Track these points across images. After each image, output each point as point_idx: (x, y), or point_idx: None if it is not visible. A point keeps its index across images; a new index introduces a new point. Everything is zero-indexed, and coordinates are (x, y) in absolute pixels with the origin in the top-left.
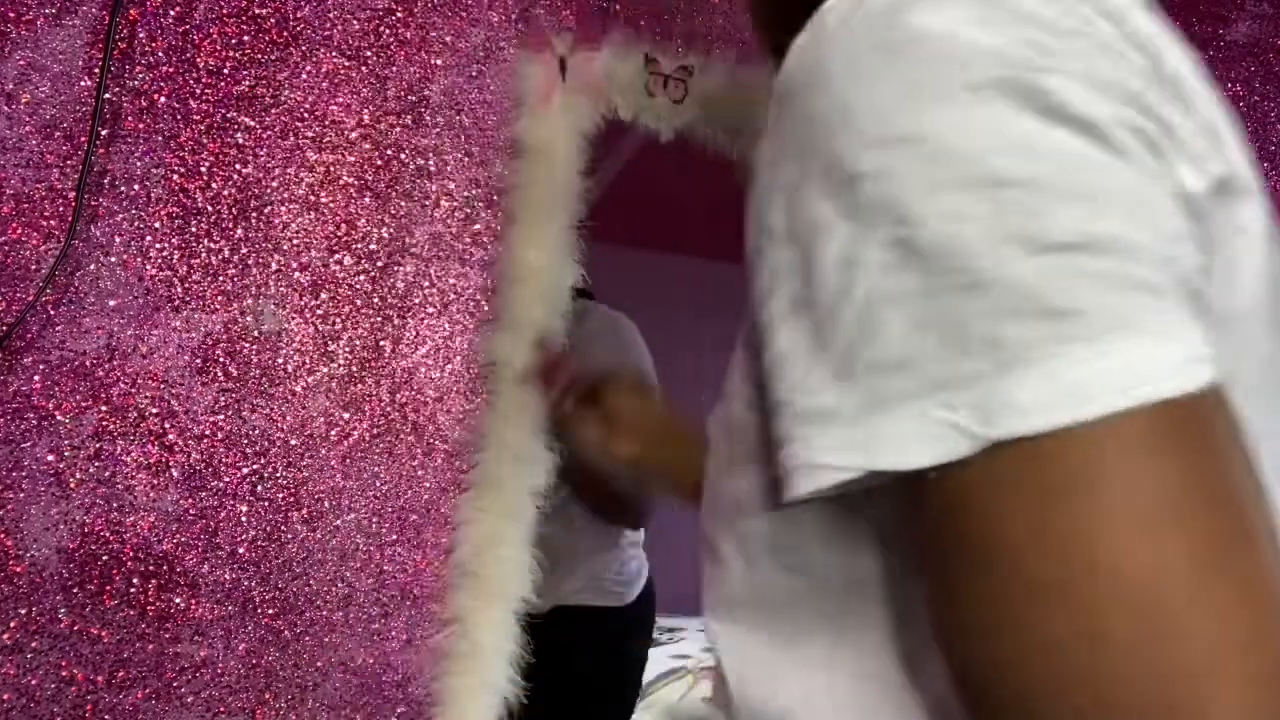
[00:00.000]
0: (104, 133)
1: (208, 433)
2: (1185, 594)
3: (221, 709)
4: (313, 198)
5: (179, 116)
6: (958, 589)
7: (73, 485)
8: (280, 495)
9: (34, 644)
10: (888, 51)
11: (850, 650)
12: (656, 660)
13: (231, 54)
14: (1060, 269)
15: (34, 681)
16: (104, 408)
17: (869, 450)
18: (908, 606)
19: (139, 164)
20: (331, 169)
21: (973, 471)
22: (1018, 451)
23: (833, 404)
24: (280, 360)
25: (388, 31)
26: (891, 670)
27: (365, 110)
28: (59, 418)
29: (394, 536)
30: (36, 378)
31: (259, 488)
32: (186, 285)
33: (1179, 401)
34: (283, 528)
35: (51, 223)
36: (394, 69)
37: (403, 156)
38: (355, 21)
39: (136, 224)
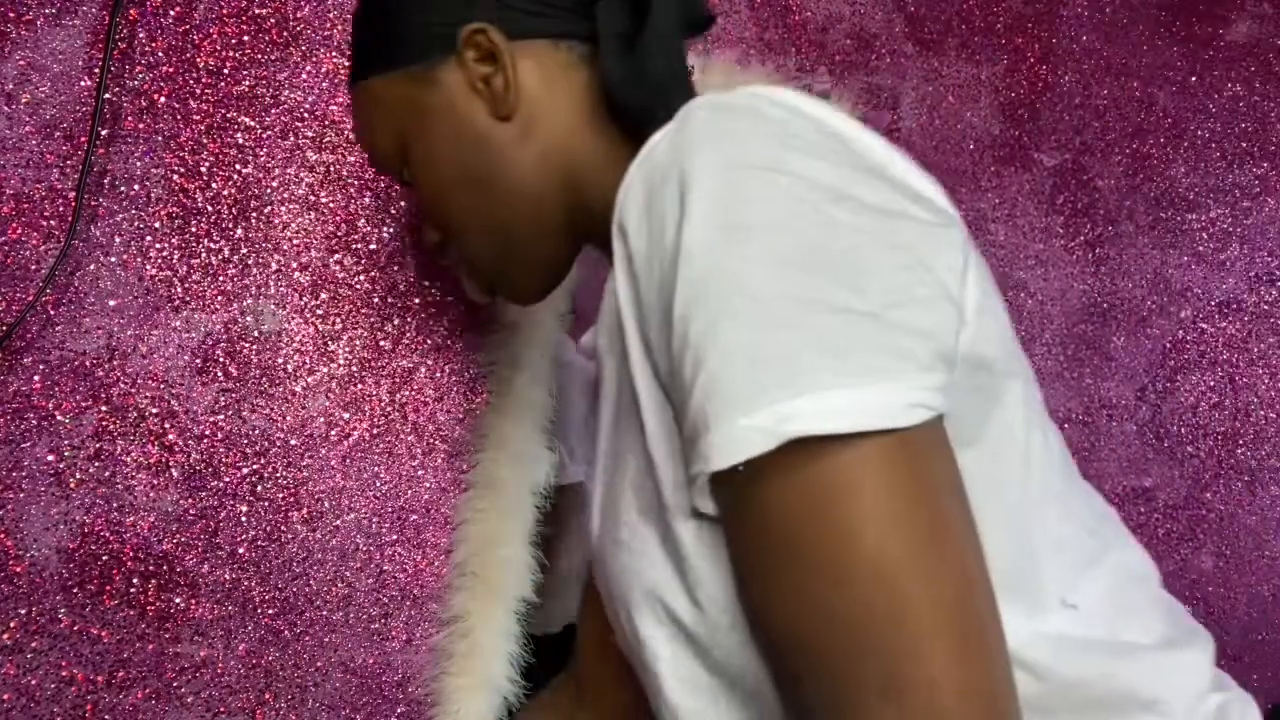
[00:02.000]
0: (104, 133)
1: (208, 433)
2: (914, 571)
3: (221, 709)
4: (313, 198)
5: (179, 116)
6: (759, 567)
7: (73, 485)
8: (280, 495)
9: (34, 644)
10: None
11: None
12: None
13: (231, 54)
14: (838, 328)
15: (34, 681)
16: (104, 408)
17: (710, 458)
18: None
19: (139, 164)
20: (331, 169)
21: (767, 468)
22: (801, 451)
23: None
24: (280, 360)
25: None
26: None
27: None
28: (59, 418)
29: (394, 536)
30: (36, 378)
31: (259, 488)
32: (186, 285)
33: (907, 430)
34: (283, 528)
35: (51, 223)
36: None
37: None
38: None
39: (136, 224)
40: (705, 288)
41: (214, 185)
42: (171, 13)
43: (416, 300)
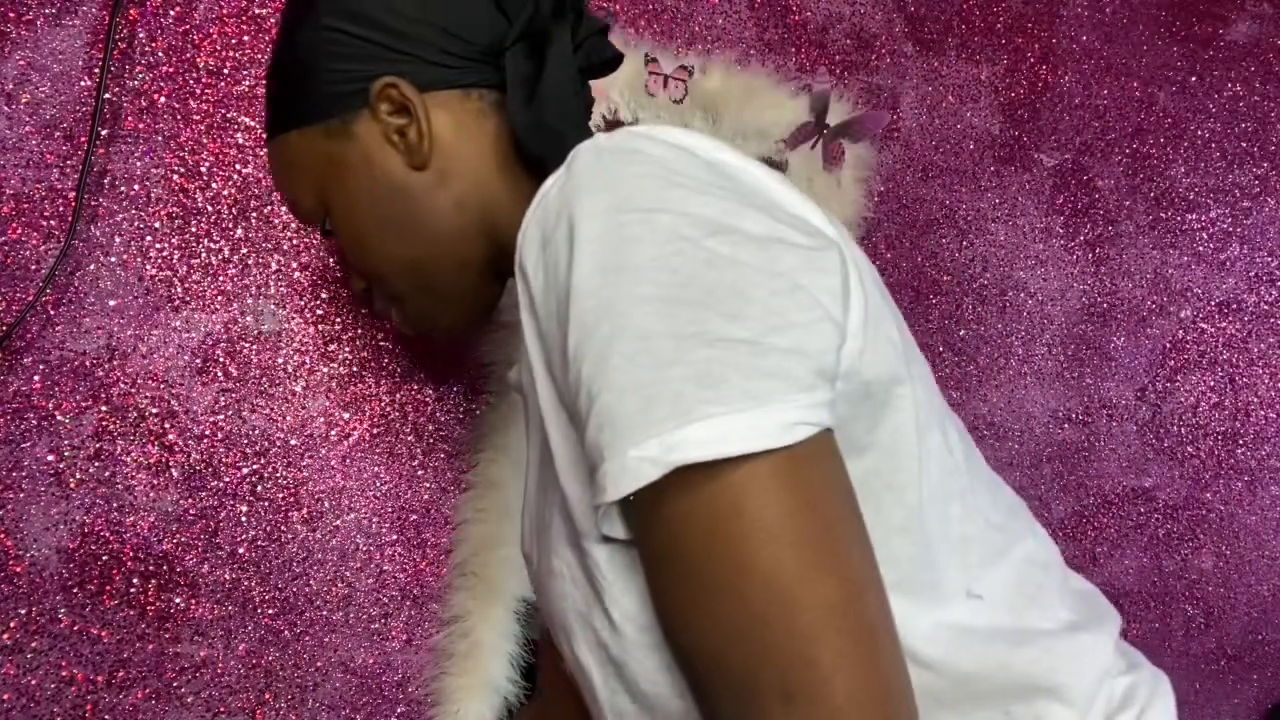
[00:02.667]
0: (104, 133)
1: (208, 433)
2: (801, 580)
3: (221, 709)
4: None
5: (179, 116)
6: (664, 588)
7: (73, 485)
8: (280, 495)
9: (34, 644)
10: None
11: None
12: None
13: (231, 54)
14: (716, 359)
15: (34, 681)
16: (104, 408)
17: (606, 489)
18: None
19: (139, 164)
20: None
21: (661, 496)
22: (690, 478)
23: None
24: (280, 360)
25: None
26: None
27: None
28: (59, 418)
29: (394, 536)
30: (36, 378)
31: (259, 488)
32: (186, 285)
33: (790, 450)
34: (283, 528)
35: (51, 223)
36: None
37: None
38: None
39: (136, 224)
40: (595, 327)
41: (214, 185)
42: (171, 13)
43: None
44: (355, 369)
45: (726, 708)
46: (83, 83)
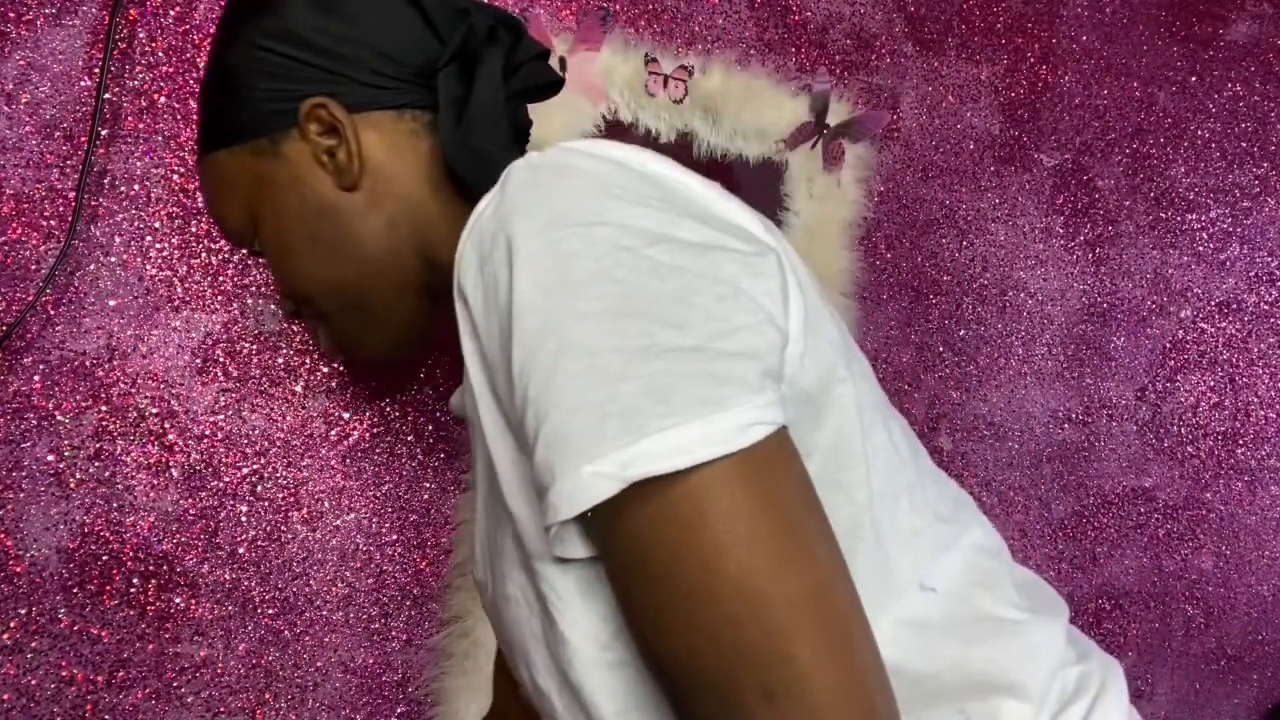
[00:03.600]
0: (104, 133)
1: (208, 433)
2: (769, 578)
3: (221, 709)
4: None
5: (179, 116)
6: (635, 600)
7: (73, 485)
8: (280, 495)
9: (34, 644)
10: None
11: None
12: None
13: None
14: (664, 370)
15: (34, 681)
16: (104, 408)
17: (559, 508)
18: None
19: (139, 164)
20: None
21: (622, 511)
22: (650, 490)
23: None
24: (280, 360)
25: None
26: None
27: None
28: (59, 418)
29: (394, 536)
30: (36, 378)
31: (259, 488)
32: (186, 285)
33: (747, 451)
34: (283, 528)
35: (51, 223)
36: None
37: None
38: None
39: (136, 224)
40: (539, 346)
41: None
42: (171, 13)
43: None
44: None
45: (707, 713)
46: (83, 83)
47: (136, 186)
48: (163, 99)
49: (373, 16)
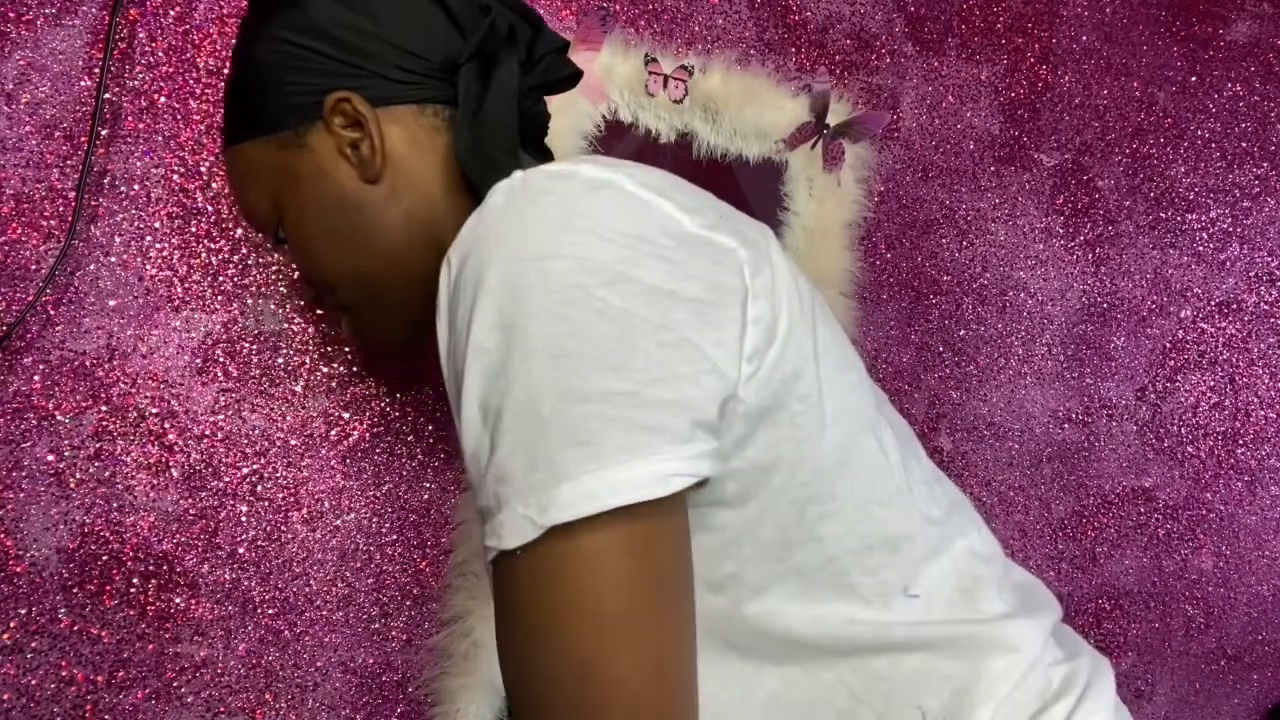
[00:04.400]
0: (104, 133)
1: (208, 433)
2: (622, 639)
3: (221, 709)
4: None
5: (179, 116)
6: (500, 620)
7: (73, 485)
8: (280, 495)
9: (34, 644)
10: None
11: None
12: None
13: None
14: (590, 414)
15: (34, 681)
16: (104, 408)
17: (502, 538)
18: None
19: (139, 164)
20: None
21: (536, 554)
22: (557, 537)
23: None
24: (280, 360)
25: None
26: None
27: None
28: (59, 418)
29: (394, 536)
30: (36, 378)
31: (259, 488)
32: (186, 285)
33: (654, 504)
34: (283, 528)
35: (51, 223)
36: None
37: None
38: None
39: (136, 224)
40: (493, 384)
41: (214, 185)
42: (171, 13)
43: None
44: (355, 369)
45: None
46: (83, 83)
47: (136, 186)
48: (163, 99)
49: (396, 11)
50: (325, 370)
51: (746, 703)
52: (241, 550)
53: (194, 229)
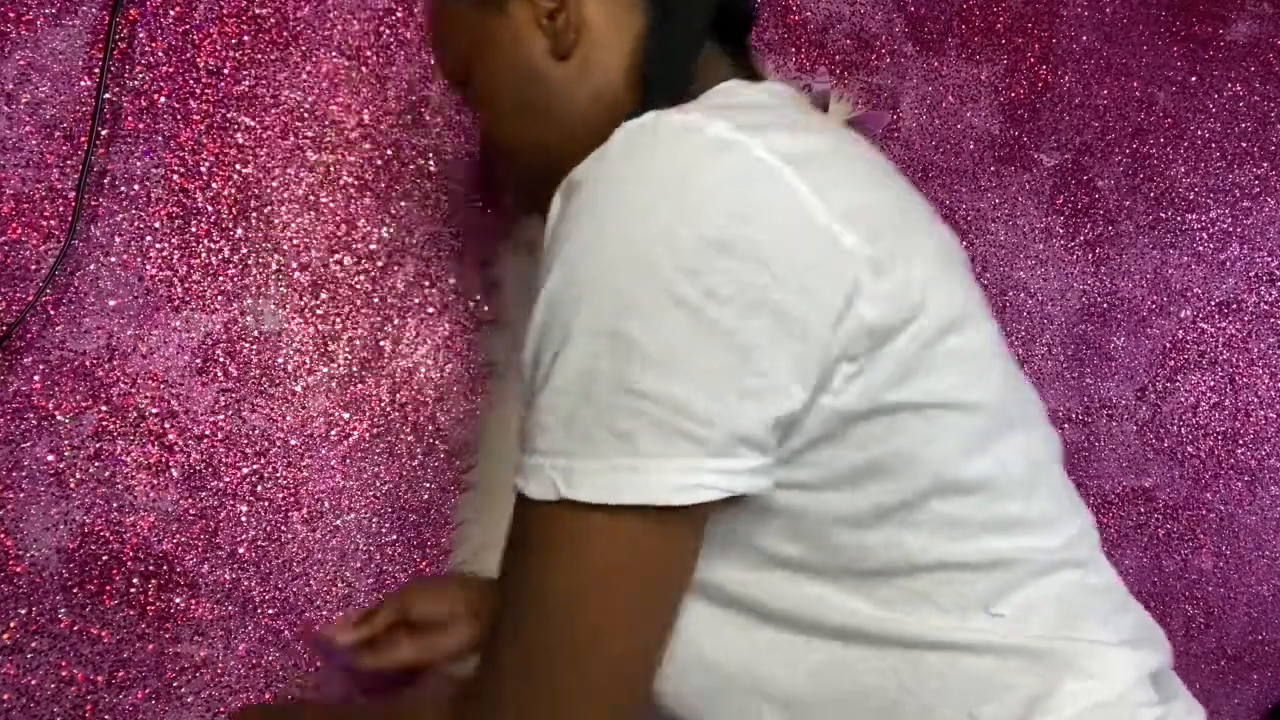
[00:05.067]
0: (104, 133)
1: (208, 433)
2: (600, 621)
3: (221, 709)
4: (313, 198)
5: (179, 116)
6: (507, 564)
7: (73, 485)
8: (280, 495)
9: (34, 644)
10: None
11: None
12: None
13: (231, 54)
14: (634, 410)
15: (34, 681)
16: (104, 408)
17: (524, 481)
18: None
19: (139, 164)
20: (331, 169)
21: (549, 512)
22: (575, 510)
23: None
24: (280, 360)
25: (388, 31)
26: None
27: (365, 110)
28: (59, 418)
29: (394, 536)
30: (36, 378)
31: (259, 488)
32: (186, 285)
33: (669, 512)
34: (283, 528)
35: (51, 223)
36: (394, 69)
37: (403, 156)
38: (355, 21)
39: (136, 224)
40: (548, 333)
41: (214, 185)
42: (171, 13)
43: (416, 300)
44: (355, 369)
45: (485, 663)
46: (83, 83)
47: (136, 186)
48: (163, 99)
49: None
50: (325, 370)
51: (791, 668)
52: (241, 550)
53: (194, 229)
